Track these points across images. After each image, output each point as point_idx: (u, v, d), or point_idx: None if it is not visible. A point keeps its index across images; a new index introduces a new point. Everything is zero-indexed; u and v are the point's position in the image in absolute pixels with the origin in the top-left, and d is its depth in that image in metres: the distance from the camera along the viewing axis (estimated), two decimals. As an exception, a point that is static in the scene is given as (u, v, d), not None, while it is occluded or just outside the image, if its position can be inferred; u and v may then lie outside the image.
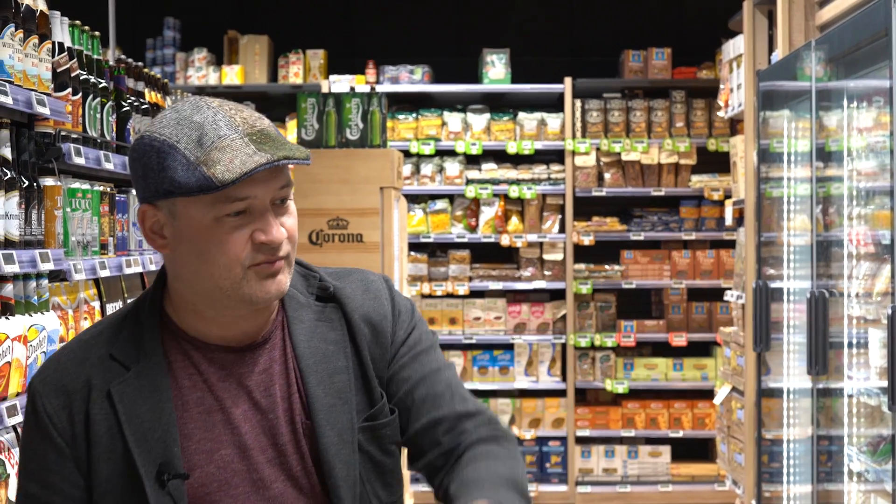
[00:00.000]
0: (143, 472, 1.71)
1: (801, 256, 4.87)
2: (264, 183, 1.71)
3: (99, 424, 1.73)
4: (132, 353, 1.77)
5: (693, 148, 7.92)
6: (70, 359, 1.79)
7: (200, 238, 1.71)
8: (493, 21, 8.48)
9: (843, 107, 4.20)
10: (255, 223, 1.71)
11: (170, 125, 1.72)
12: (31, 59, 2.96)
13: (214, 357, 1.79)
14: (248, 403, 1.78)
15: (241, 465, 1.76)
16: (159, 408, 1.74)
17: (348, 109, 5.69)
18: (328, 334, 1.83)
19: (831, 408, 4.43)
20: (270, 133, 1.72)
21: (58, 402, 1.75)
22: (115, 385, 1.74)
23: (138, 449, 1.72)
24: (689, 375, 7.93)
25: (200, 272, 1.73)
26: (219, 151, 1.67)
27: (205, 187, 1.66)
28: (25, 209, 2.94)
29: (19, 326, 2.88)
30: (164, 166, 1.69)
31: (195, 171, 1.67)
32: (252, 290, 1.73)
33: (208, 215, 1.70)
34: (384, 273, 5.40)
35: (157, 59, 8.01)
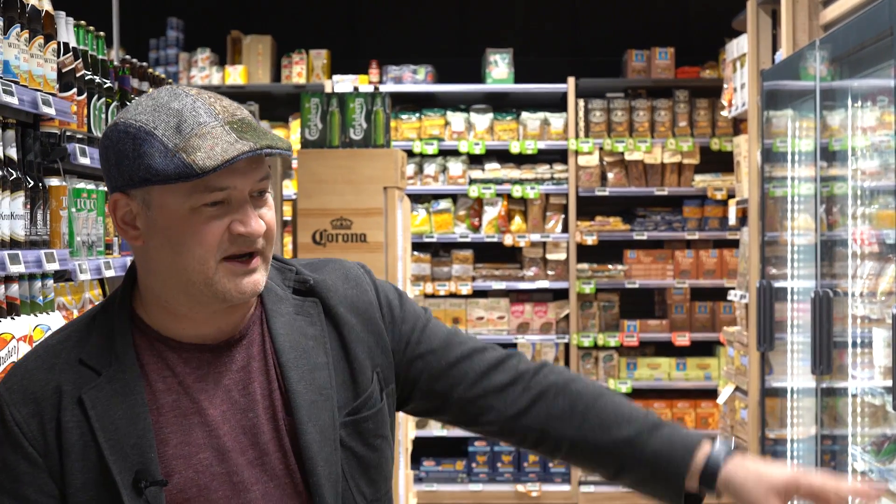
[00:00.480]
0: (119, 481, 1.64)
1: (805, 256, 4.87)
2: (244, 174, 1.65)
3: (70, 432, 1.66)
4: (103, 357, 1.70)
5: (696, 147, 7.92)
6: (37, 365, 1.70)
7: (175, 228, 1.65)
8: (497, 21, 8.48)
9: (847, 106, 4.20)
10: (234, 214, 1.66)
11: (146, 111, 1.66)
12: (36, 59, 2.96)
13: (189, 357, 1.72)
14: (227, 403, 1.72)
15: (221, 468, 1.70)
16: (133, 413, 1.67)
17: (352, 109, 5.69)
18: (307, 329, 1.78)
19: (835, 407, 4.43)
20: (251, 122, 1.68)
21: (27, 411, 1.67)
22: (87, 391, 1.67)
23: (113, 457, 1.65)
24: (693, 375, 7.92)
25: (174, 265, 1.66)
26: (199, 138, 1.61)
27: (184, 174, 1.60)
28: (31, 209, 2.94)
29: (25, 326, 2.88)
30: (141, 153, 1.63)
31: (174, 158, 1.60)
32: (225, 287, 1.67)
33: (185, 205, 1.64)
34: (388, 273, 5.41)
35: (160, 59, 8.02)
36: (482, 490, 7.80)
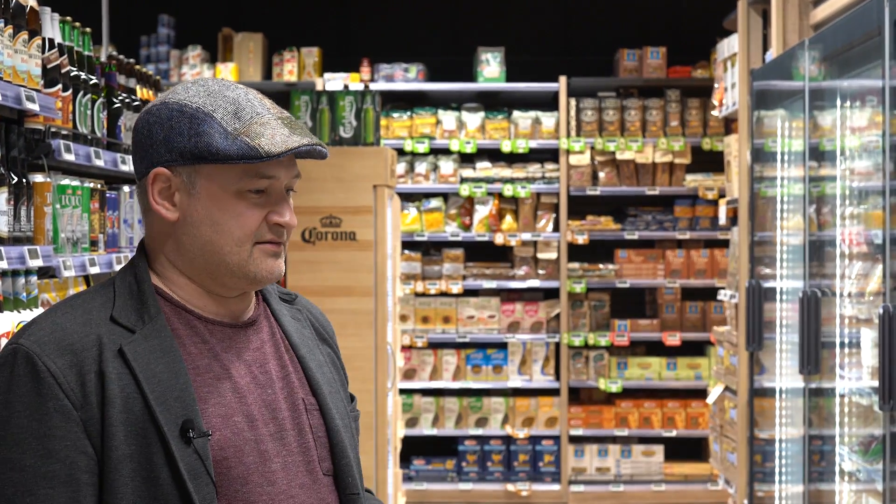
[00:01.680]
0: (167, 430, 1.65)
1: (794, 256, 4.87)
2: (286, 167, 1.76)
3: (113, 383, 1.65)
4: (134, 316, 1.72)
5: (688, 147, 7.92)
6: (69, 320, 1.70)
7: (220, 207, 1.73)
8: (488, 19, 8.47)
9: (836, 106, 4.19)
10: (272, 205, 1.75)
11: (199, 95, 1.74)
12: (20, 54, 2.95)
13: (213, 329, 1.78)
14: (249, 376, 1.78)
15: (250, 434, 1.74)
16: (174, 368, 1.70)
17: (342, 107, 5.68)
18: (304, 331, 1.90)
19: (823, 407, 4.43)
20: (295, 120, 1.78)
21: (63, 362, 1.64)
22: (127, 344, 1.68)
23: (159, 407, 1.66)
24: (683, 375, 7.92)
25: (211, 243, 1.74)
26: (259, 126, 1.70)
27: (248, 156, 1.69)
28: (14, 205, 2.93)
29: (7, 323, 2.87)
30: (199, 132, 1.71)
31: (236, 140, 1.69)
32: (258, 267, 1.76)
33: (233, 187, 1.73)
34: (378, 272, 5.41)
35: (151, 56, 8.00)
36: (472, 489, 7.80)
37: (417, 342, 7.83)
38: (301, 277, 5.36)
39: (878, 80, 3.59)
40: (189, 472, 1.65)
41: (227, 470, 1.71)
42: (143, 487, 1.64)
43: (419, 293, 7.91)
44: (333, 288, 5.38)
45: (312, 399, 1.83)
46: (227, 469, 1.71)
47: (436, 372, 7.90)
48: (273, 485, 1.74)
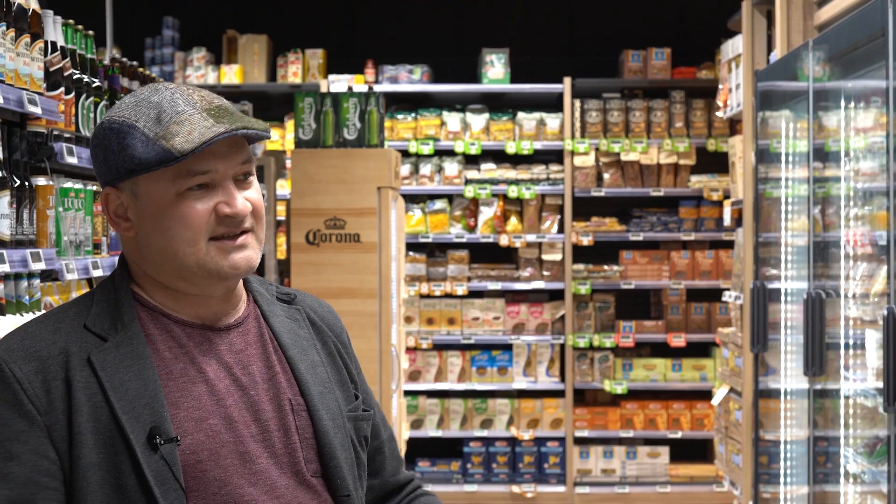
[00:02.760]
0: (133, 438, 1.66)
1: (799, 257, 4.86)
2: (225, 157, 1.74)
3: (80, 391, 1.67)
4: (108, 324, 1.74)
5: (692, 148, 7.91)
6: (40, 328, 1.73)
7: (163, 214, 1.73)
8: (493, 21, 8.47)
9: (840, 107, 4.19)
10: (219, 196, 1.75)
11: (128, 108, 1.75)
12: (22, 57, 2.95)
13: (192, 332, 1.79)
14: (230, 378, 1.78)
15: (229, 436, 1.75)
16: (144, 375, 1.71)
17: (346, 109, 5.68)
18: (299, 331, 1.90)
19: (828, 409, 4.42)
20: (228, 108, 1.76)
21: (29, 368, 1.67)
22: (96, 353, 1.71)
23: (125, 415, 1.67)
24: (688, 376, 7.91)
25: (166, 250, 1.75)
26: (177, 125, 1.70)
27: (164, 159, 1.69)
28: (17, 209, 2.93)
29: (10, 326, 2.86)
30: (124, 145, 1.72)
31: (154, 146, 1.70)
32: (218, 264, 1.75)
33: (170, 191, 1.73)
34: (382, 274, 5.40)
35: (155, 58, 8.01)
36: (477, 491, 7.79)
37: (422, 344, 7.83)
38: (305, 279, 5.36)
39: (882, 80, 3.58)
40: (156, 478, 1.66)
41: (202, 473, 1.71)
42: (112, 495, 1.66)
43: (424, 295, 7.91)
44: (337, 290, 5.37)
45: (300, 400, 1.83)
46: (202, 472, 1.71)
47: (441, 373, 7.89)
48: (254, 485, 1.74)
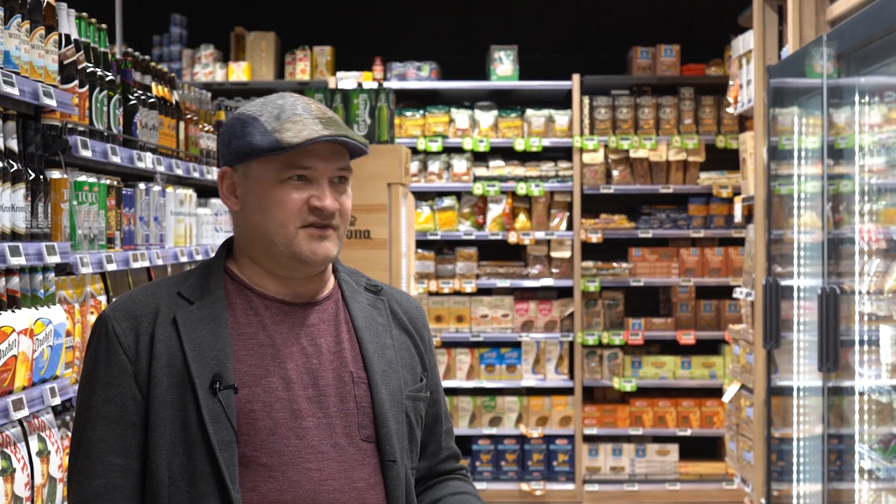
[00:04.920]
0: (198, 382, 1.97)
1: (812, 253, 4.84)
2: (325, 159, 2.04)
3: (161, 343, 2.00)
4: (197, 291, 2.06)
5: (702, 145, 7.89)
6: (141, 293, 2.08)
7: (265, 196, 2.03)
8: (501, 17, 8.45)
9: (854, 102, 4.16)
10: (313, 190, 2.03)
11: (257, 105, 2.08)
12: (37, 50, 2.94)
13: (270, 305, 2.07)
14: (296, 346, 2.05)
15: (284, 394, 2.01)
16: (217, 333, 2.02)
17: (356, 105, 5.67)
18: (378, 318, 2.15)
19: (842, 405, 4.40)
20: (338, 121, 2.07)
21: (126, 325, 2.02)
22: (180, 313, 2.03)
23: (195, 364, 1.98)
24: (698, 373, 7.89)
25: (262, 227, 2.04)
26: (291, 124, 2.02)
27: (273, 148, 2.00)
28: (32, 202, 2.92)
29: (25, 320, 2.86)
30: (245, 132, 2.05)
31: (269, 137, 2.01)
32: (301, 248, 2.03)
33: (275, 177, 2.03)
34: (392, 270, 5.38)
35: (163, 55, 8.00)
36: (486, 489, 7.77)
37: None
38: (315, 276, 5.34)
39: (897, 75, 3.56)
40: (211, 417, 1.97)
41: (254, 421, 1.99)
42: (178, 430, 1.98)
43: (432, 292, 7.89)
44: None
45: (363, 374, 2.08)
46: (254, 420, 1.99)
47: (449, 371, 7.88)
48: (302, 439, 2.01)
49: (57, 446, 3.04)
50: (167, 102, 4.13)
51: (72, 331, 3.20)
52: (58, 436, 3.07)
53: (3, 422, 2.73)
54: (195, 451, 1.97)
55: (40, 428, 2.99)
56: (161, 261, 3.87)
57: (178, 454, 1.97)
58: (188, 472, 1.97)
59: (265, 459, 1.99)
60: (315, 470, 2.00)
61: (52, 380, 3.03)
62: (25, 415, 2.82)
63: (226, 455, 1.96)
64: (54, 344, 3.01)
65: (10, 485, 2.75)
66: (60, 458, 3.06)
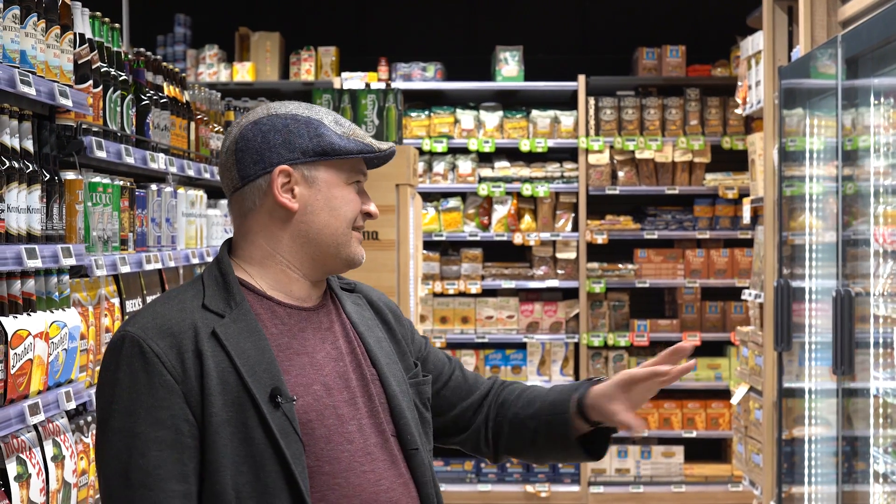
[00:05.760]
0: (259, 397, 1.93)
1: (824, 255, 4.81)
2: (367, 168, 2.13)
3: (209, 359, 1.94)
4: (222, 304, 2.01)
5: (707, 146, 7.87)
6: (166, 309, 2.00)
7: (336, 196, 2.06)
8: (507, 18, 8.42)
9: (869, 104, 4.14)
10: (363, 196, 2.11)
11: (301, 109, 2.09)
12: (52, 49, 2.90)
13: (290, 312, 2.07)
14: (324, 352, 2.07)
15: (329, 400, 2.03)
16: (259, 345, 1.99)
17: (364, 106, 5.63)
18: (364, 313, 2.19)
19: (855, 408, 4.37)
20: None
21: (164, 343, 1.94)
22: (218, 326, 1.97)
23: (250, 378, 1.94)
24: (703, 375, 7.87)
25: (328, 226, 2.06)
26: (358, 131, 2.09)
27: (365, 150, 2.06)
28: (47, 203, 2.88)
29: (41, 323, 2.82)
30: (319, 133, 2.06)
31: (350, 140, 2.06)
32: (353, 250, 2.09)
33: (344, 180, 2.07)
34: (400, 272, 5.35)
35: (167, 55, 7.96)
36: (491, 490, 7.75)
37: (436, 343, 7.78)
38: (324, 277, 5.31)
39: (917, 75, 3.53)
40: (280, 431, 1.94)
41: (311, 431, 1.99)
42: (241, 447, 1.93)
43: (437, 293, 7.86)
44: (356, 288, 5.32)
45: (374, 370, 2.11)
46: (311, 430, 1.99)
47: (454, 373, 7.83)
48: (351, 443, 2.02)
49: (71, 451, 3.01)
50: (178, 103, 4.10)
51: (86, 334, 3.17)
52: (72, 440, 3.04)
53: (19, 427, 2.70)
54: (264, 467, 1.93)
55: (55, 432, 2.95)
56: (173, 262, 3.84)
57: (244, 472, 1.92)
58: (258, 489, 1.92)
59: (327, 468, 2.00)
60: (369, 472, 2.03)
61: (66, 383, 2.99)
62: (41, 419, 2.78)
63: (299, 468, 1.94)
64: (69, 347, 2.97)
65: (25, 490, 2.72)
66: (75, 463, 3.03)
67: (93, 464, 3.18)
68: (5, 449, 2.67)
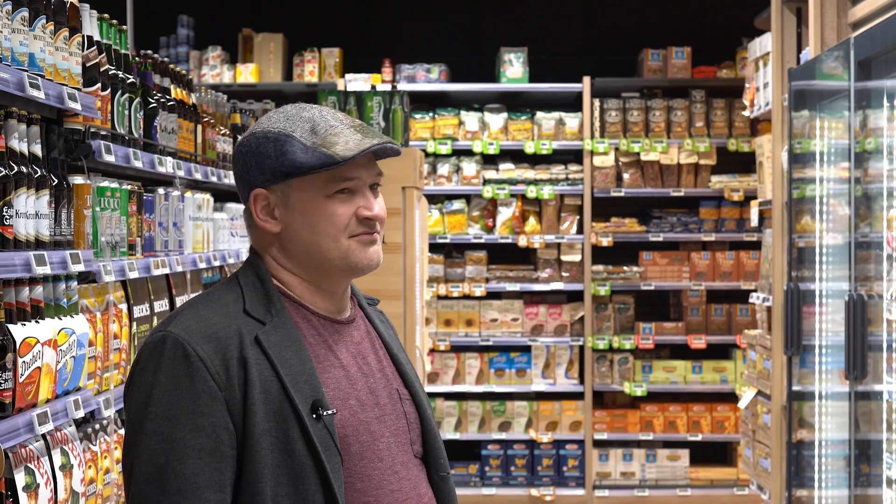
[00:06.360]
0: (301, 409, 1.89)
1: (835, 258, 4.78)
2: (366, 167, 2.01)
3: (253, 367, 1.90)
4: (262, 310, 1.97)
5: (713, 148, 7.83)
6: (211, 312, 1.95)
7: (312, 213, 1.98)
8: (511, 20, 8.38)
9: (882, 106, 4.10)
10: (359, 201, 2.00)
11: (280, 121, 2.00)
12: (61, 52, 2.86)
13: (325, 324, 2.03)
14: (356, 367, 2.03)
15: (362, 416, 1.99)
16: (301, 355, 1.95)
17: (370, 108, 5.59)
18: (388, 331, 2.15)
19: (868, 412, 4.34)
20: (367, 126, 2.03)
21: (209, 348, 1.89)
22: (261, 334, 1.93)
23: (293, 388, 1.90)
24: (708, 378, 7.83)
25: (312, 244, 1.99)
26: (333, 136, 1.96)
27: (327, 163, 1.95)
28: (55, 208, 2.84)
29: (49, 330, 2.78)
30: (283, 151, 1.97)
31: (315, 153, 1.95)
32: (357, 257, 2.00)
33: (321, 193, 1.98)
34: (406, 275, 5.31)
35: (170, 57, 7.91)
36: (495, 494, 7.71)
37: (440, 345, 7.74)
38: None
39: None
40: (322, 444, 1.90)
41: (347, 446, 1.95)
42: (282, 458, 1.89)
43: (442, 296, 7.83)
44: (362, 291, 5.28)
45: (406, 391, 2.08)
46: (347, 445, 1.95)
47: (458, 376, 7.81)
48: (381, 461, 1.99)
49: (79, 460, 2.97)
50: (185, 105, 4.06)
51: (94, 340, 3.12)
52: (80, 449, 3.00)
53: (28, 436, 2.65)
54: (304, 480, 1.89)
55: (63, 441, 2.91)
56: (181, 267, 3.79)
57: (283, 484, 1.89)
58: (296, 502, 1.89)
59: (359, 485, 1.96)
60: (397, 491, 1.99)
61: (75, 391, 2.95)
62: (50, 429, 2.74)
63: (338, 482, 1.91)
64: (77, 355, 2.93)
65: (34, 501, 2.68)
66: (83, 472, 2.98)
67: (101, 472, 3.14)
68: (14, 459, 2.63)
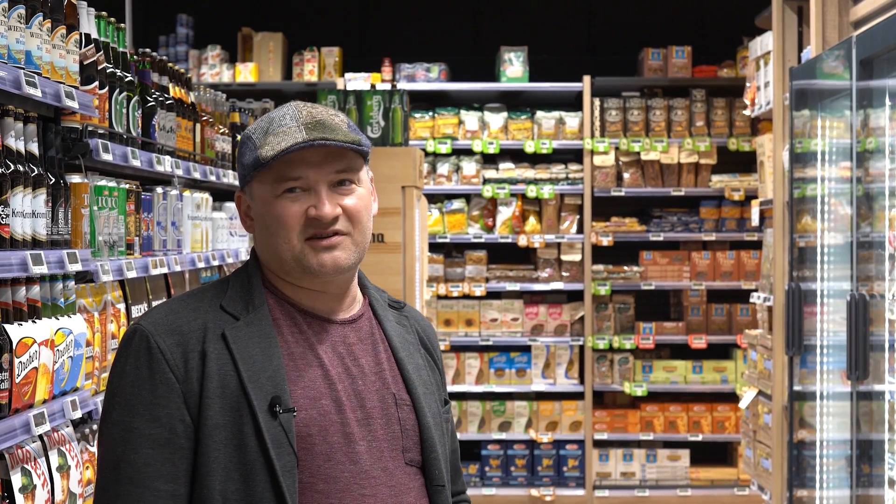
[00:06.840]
0: (256, 405, 1.88)
1: (837, 258, 4.76)
2: (317, 166, 1.95)
3: (213, 361, 1.90)
4: (240, 306, 1.97)
5: (713, 147, 7.81)
6: (182, 306, 1.97)
7: (266, 213, 1.97)
8: (511, 19, 8.36)
9: (885, 105, 4.08)
10: (311, 200, 1.95)
11: (257, 121, 2.02)
12: (58, 50, 2.84)
13: (311, 321, 2.00)
14: (341, 367, 1.99)
15: (337, 417, 1.94)
16: (269, 352, 1.93)
17: (369, 107, 5.58)
18: (406, 336, 2.10)
19: (869, 412, 4.32)
20: (327, 123, 1.96)
21: (171, 341, 1.91)
22: (229, 329, 1.93)
23: (251, 384, 1.90)
24: (709, 378, 7.81)
25: (269, 244, 1.99)
26: (273, 136, 1.94)
27: (255, 165, 1.96)
28: (52, 207, 2.82)
29: (46, 330, 2.76)
30: (242, 153, 2.01)
31: (252, 154, 1.97)
32: (309, 262, 1.96)
33: (270, 193, 1.97)
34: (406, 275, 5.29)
35: (170, 56, 7.89)
36: (495, 494, 7.69)
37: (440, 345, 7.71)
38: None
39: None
40: (273, 442, 1.88)
41: (311, 446, 1.92)
42: (234, 453, 1.88)
43: (441, 295, 7.80)
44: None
45: (406, 396, 2.03)
46: (311, 445, 1.92)
47: (458, 375, 7.79)
48: (356, 464, 1.94)
49: (77, 461, 2.95)
50: (184, 104, 4.04)
51: (91, 340, 3.10)
52: (77, 450, 2.98)
53: (24, 437, 2.63)
54: (254, 476, 1.88)
55: (60, 442, 2.89)
56: (179, 266, 3.77)
57: (234, 479, 1.88)
58: (245, 498, 1.88)
59: (322, 486, 1.92)
60: (369, 496, 1.94)
61: (72, 392, 2.93)
62: (47, 429, 2.72)
63: (288, 481, 1.88)
64: (75, 355, 2.91)
65: (31, 503, 2.66)
66: (80, 473, 2.96)
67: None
68: (10, 460, 2.61)
